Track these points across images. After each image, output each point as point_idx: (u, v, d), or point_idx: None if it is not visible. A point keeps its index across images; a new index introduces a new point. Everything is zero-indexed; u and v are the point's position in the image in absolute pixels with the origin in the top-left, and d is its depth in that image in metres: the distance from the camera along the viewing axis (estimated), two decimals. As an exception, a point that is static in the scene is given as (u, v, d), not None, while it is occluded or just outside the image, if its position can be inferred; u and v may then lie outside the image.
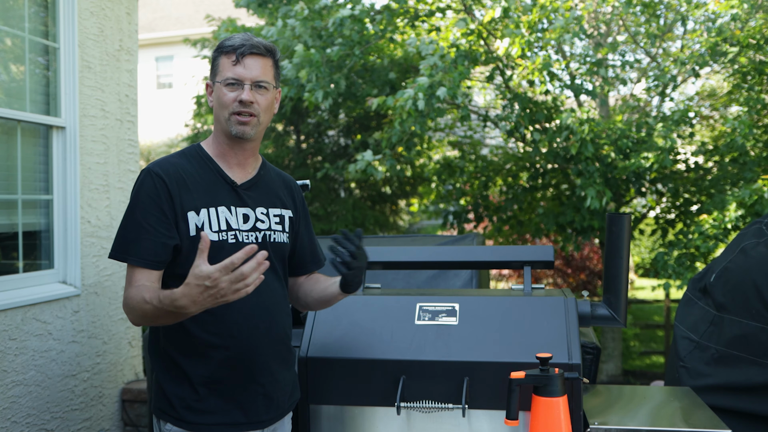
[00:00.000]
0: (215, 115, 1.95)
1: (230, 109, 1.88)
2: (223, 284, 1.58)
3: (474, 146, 8.31)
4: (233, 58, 1.88)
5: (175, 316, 1.71)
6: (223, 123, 1.91)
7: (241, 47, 1.88)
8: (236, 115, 1.88)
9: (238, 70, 1.87)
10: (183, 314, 1.67)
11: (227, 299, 1.61)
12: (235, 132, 1.89)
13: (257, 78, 1.89)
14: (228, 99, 1.88)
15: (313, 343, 2.34)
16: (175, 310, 1.65)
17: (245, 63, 1.88)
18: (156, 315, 1.73)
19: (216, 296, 1.60)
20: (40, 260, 3.60)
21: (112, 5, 4.01)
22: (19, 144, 3.42)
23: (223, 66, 1.90)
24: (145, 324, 1.82)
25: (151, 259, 1.81)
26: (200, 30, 16.07)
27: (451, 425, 2.21)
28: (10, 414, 3.19)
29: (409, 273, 3.47)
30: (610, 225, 2.47)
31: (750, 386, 2.77)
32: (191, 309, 1.63)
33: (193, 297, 1.61)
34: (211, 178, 1.92)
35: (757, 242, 2.95)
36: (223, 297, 1.60)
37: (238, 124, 1.89)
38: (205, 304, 1.62)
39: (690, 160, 6.89)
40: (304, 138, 9.07)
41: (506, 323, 2.29)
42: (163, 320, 1.75)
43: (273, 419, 1.98)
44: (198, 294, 1.60)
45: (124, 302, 1.83)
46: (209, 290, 1.59)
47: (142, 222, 1.82)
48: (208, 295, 1.59)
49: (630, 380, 7.85)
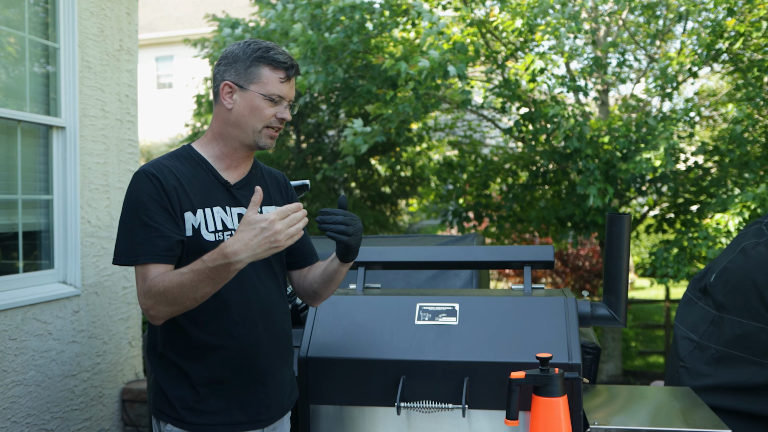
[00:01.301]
0: (237, 121, 1.89)
1: (267, 122, 1.89)
2: (279, 226, 1.61)
3: (474, 146, 8.31)
4: (282, 75, 1.88)
5: (218, 275, 1.65)
6: (250, 132, 1.89)
7: (292, 68, 1.89)
8: (270, 129, 1.90)
9: (284, 88, 1.89)
10: (232, 265, 1.63)
11: (279, 244, 1.62)
12: (263, 144, 1.91)
13: (293, 98, 1.94)
14: (267, 114, 1.88)
15: (313, 343, 2.34)
16: (224, 261, 1.62)
17: (291, 83, 1.91)
18: (195, 282, 1.67)
19: (270, 239, 1.61)
20: (40, 260, 3.60)
21: (112, 5, 4.02)
22: (19, 144, 3.42)
23: (268, 78, 1.87)
24: (172, 309, 1.74)
25: (165, 254, 1.77)
26: (200, 30, 16.08)
27: (451, 425, 2.21)
28: (10, 414, 3.19)
29: (409, 273, 3.47)
30: (610, 225, 2.47)
31: (750, 386, 2.77)
32: (243, 254, 1.61)
33: (245, 240, 1.61)
34: (205, 179, 1.91)
35: (757, 242, 2.95)
36: (276, 242, 1.61)
37: (269, 138, 1.91)
38: (257, 250, 1.62)
39: (690, 160, 6.89)
40: (304, 138, 9.08)
41: (506, 323, 2.29)
42: (202, 288, 1.68)
43: (273, 418, 1.98)
44: (252, 237, 1.61)
45: (145, 294, 1.74)
46: (264, 232, 1.61)
47: (148, 221, 1.78)
48: (263, 238, 1.61)
49: (630, 380, 7.85)
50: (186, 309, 1.75)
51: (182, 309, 1.75)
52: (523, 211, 7.45)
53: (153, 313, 1.76)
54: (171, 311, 1.75)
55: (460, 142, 8.46)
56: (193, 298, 1.71)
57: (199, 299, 1.72)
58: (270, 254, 1.64)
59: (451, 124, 8.51)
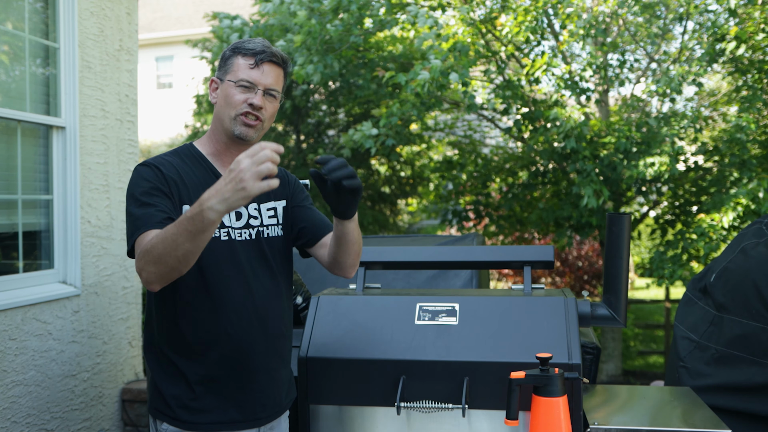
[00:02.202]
0: (217, 112, 1.94)
1: (238, 109, 1.89)
2: (244, 164, 1.52)
3: (474, 145, 8.31)
4: (251, 61, 1.90)
5: (194, 225, 1.59)
6: (227, 122, 1.91)
7: (262, 53, 1.90)
8: (243, 117, 1.89)
9: (254, 74, 1.89)
10: (204, 212, 1.57)
11: (245, 185, 1.51)
12: (238, 133, 1.90)
13: (270, 85, 1.91)
14: (237, 100, 1.89)
15: (313, 343, 2.34)
16: (198, 208, 1.57)
17: (262, 69, 1.90)
18: (175, 236, 1.62)
19: (236, 179, 1.52)
20: (40, 260, 3.60)
21: (112, 5, 4.01)
22: (19, 144, 3.42)
23: (238, 67, 1.90)
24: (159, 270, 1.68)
25: (160, 222, 1.74)
26: (200, 30, 16.08)
27: (451, 425, 2.21)
28: (10, 414, 3.19)
29: (409, 273, 3.47)
30: (610, 225, 2.47)
31: (750, 386, 2.77)
32: (213, 199, 1.55)
33: (216, 186, 1.56)
34: (204, 176, 1.93)
35: (757, 242, 2.95)
36: (242, 181, 1.51)
37: (243, 125, 1.90)
38: (226, 194, 1.54)
39: (690, 160, 6.89)
40: (304, 138, 9.08)
41: (506, 323, 2.29)
42: (182, 244, 1.62)
43: (269, 417, 1.98)
44: (221, 182, 1.55)
45: (138, 255, 1.72)
46: (230, 173, 1.53)
47: (147, 200, 1.78)
48: (230, 179, 1.53)
49: (630, 380, 7.84)
50: (172, 270, 1.67)
51: (169, 270, 1.67)
52: (522, 211, 7.46)
53: (144, 276, 1.71)
54: (158, 272, 1.68)
55: (460, 142, 8.47)
56: (176, 257, 1.64)
57: (181, 258, 1.64)
58: (242, 200, 1.54)
59: (451, 123, 8.52)
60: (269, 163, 1.53)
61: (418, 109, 5.95)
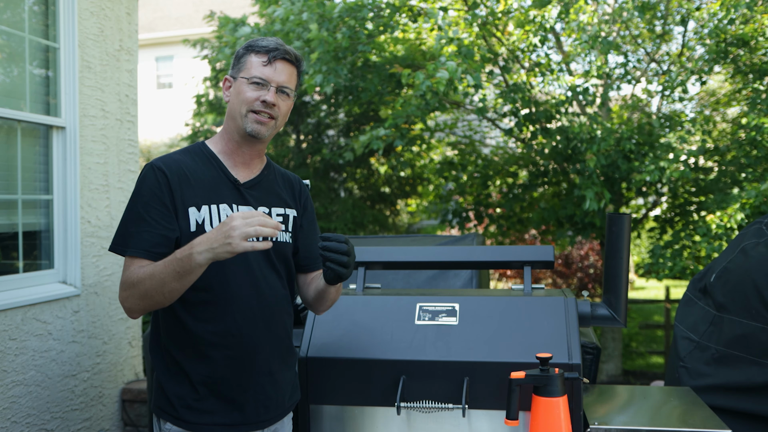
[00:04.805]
0: (230, 110, 1.95)
1: (250, 106, 1.89)
2: (236, 222, 1.60)
3: (473, 145, 8.31)
4: (264, 58, 1.90)
5: (182, 267, 1.67)
6: (239, 119, 1.91)
7: (275, 50, 1.90)
8: (254, 114, 1.90)
9: (267, 71, 1.90)
10: (192, 257, 1.65)
11: (232, 241, 1.59)
12: (250, 130, 1.90)
13: (283, 83, 1.92)
14: (250, 97, 1.89)
15: (313, 343, 2.34)
16: (188, 251, 1.65)
17: (276, 66, 1.91)
18: (163, 275, 1.69)
19: (225, 234, 1.60)
20: (40, 260, 3.60)
21: (112, 5, 4.02)
22: (19, 144, 3.42)
23: (252, 64, 1.91)
24: (144, 303, 1.76)
25: (149, 249, 1.79)
26: (200, 30, 16.08)
27: (451, 425, 2.21)
28: (10, 414, 3.19)
29: (409, 273, 3.47)
30: (610, 225, 2.47)
31: (750, 386, 2.77)
32: (201, 247, 1.64)
33: (208, 235, 1.64)
34: (214, 176, 1.93)
35: (757, 242, 2.95)
36: (230, 237, 1.60)
37: (255, 122, 1.90)
38: (214, 245, 1.62)
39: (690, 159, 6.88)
40: (303, 138, 9.08)
41: (506, 323, 2.29)
42: (169, 282, 1.70)
43: (273, 419, 1.98)
44: (213, 231, 1.63)
45: (122, 285, 1.79)
46: (223, 227, 1.62)
47: (144, 215, 1.82)
48: (221, 232, 1.62)
49: (630, 380, 7.84)
50: (156, 304, 1.76)
51: (154, 304, 1.76)
52: (522, 211, 7.45)
53: (126, 305, 1.80)
54: (143, 305, 1.77)
55: (460, 142, 8.46)
56: (162, 293, 1.72)
57: (167, 294, 1.73)
58: (226, 254, 1.62)
59: (452, 124, 8.51)
60: (258, 227, 1.60)
61: (421, 110, 5.95)
